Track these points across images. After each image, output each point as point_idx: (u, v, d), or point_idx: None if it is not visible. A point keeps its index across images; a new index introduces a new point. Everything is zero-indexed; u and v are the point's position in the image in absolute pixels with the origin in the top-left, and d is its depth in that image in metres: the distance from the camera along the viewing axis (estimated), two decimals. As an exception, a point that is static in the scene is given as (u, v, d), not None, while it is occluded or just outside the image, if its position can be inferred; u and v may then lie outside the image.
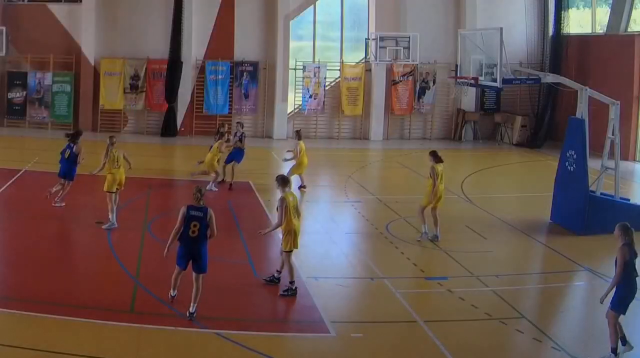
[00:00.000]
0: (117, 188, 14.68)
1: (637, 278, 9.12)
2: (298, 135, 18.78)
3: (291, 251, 11.22)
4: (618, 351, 9.15)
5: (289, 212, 10.97)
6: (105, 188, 14.54)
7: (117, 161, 14.77)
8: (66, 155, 15.89)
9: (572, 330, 10.48)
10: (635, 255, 9.11)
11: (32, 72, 27.05)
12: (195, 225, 10.04)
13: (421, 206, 14.38)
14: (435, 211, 14.28)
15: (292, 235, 11.10)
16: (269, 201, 17.58)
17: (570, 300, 12.00)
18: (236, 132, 19.34)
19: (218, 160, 18.32)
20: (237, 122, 21.05)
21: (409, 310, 10.74)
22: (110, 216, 14.36)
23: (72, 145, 15.88)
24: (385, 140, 28.48)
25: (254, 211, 16.60)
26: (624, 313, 9.14)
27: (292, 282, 11.21)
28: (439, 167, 14.24)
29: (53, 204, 15.74)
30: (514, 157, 26.24)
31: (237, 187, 18.46)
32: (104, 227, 14.24)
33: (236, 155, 18.84)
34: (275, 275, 11.66)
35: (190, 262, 10.16)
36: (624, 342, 9.19)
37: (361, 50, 28.79)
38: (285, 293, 11.17)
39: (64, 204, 15.89)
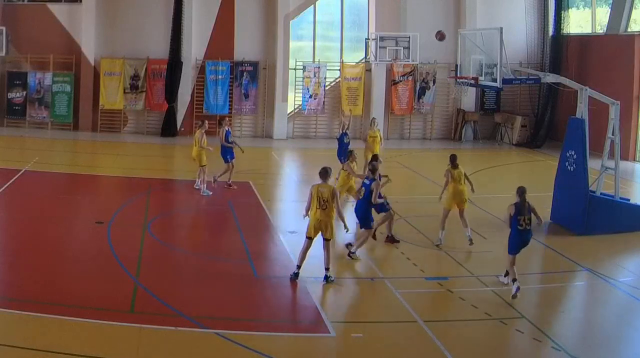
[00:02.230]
0: (198, 164, 17.80)
1: (522, 231, 11.33)
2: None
3: (309, 238, 11.78)
4: (517, 281, 11.18)
5: (313, 202, 11.68)
6: None
7: (195, 141, 17.88)
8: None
9: (572, 330, 10.47)
10: (520, 213, 11.31)
11: (32, 72, 27.05)
12: (362, 190, 12.73)
13: (444, 210, 14.18)
14: (462, 214, 14.05)
15: (310, 223, 11.75)
16: (268, 201, 17.61)
17: (570, 300, 12.01)
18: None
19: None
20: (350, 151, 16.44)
21: (409, 310, 10.73)
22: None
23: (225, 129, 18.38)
24: (385, 140, 28.39)
25: (254, 211, 16.59)
26: (515, 254, 11.38)
27: (298, 266, 11.79)
28: (455, 171, 14.05)
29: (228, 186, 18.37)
30: (514, 157, 26.23)
31: (237, 187, 18.44)
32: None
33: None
34: (326, 273, 11.83)
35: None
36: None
37: (361, 50, 28.79)
38: (291, 275, 11.79)
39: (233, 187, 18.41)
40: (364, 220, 13.00)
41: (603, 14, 27.30)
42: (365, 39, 28.45)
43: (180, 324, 9.80)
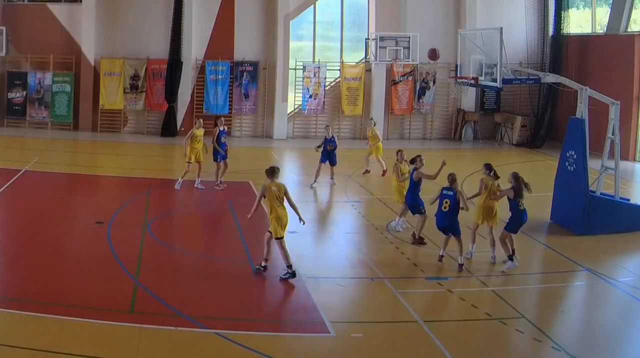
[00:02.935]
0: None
1: (522, 212, 12.59)
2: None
3: (281, 238, 11.76)
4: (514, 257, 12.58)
5: (273, 201, 11.72)
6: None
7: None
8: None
9: (572, 330, 10.47)
10: (519, 196, 12.52)
11: (32, 72, 27.07)
12: (446, 202, 12.64)
13: (473, 224, 13.44)
14: (492, 230, 13.24)
15: (276, 223, 11.74)
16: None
17: (570, 300, 12.00)
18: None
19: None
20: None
21: (409, 310, 10.74)
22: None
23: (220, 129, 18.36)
24: (385, 140, 28.39)
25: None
26: (515, 233, 12.69)
27: (289, 266, 11.72)
28: (489, 181, 13.24)
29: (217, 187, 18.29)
30: (514, 157, 26.21)
31: (237, 187, 18.45)
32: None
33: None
34: (263, 263, 12.01)
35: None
36: (512, 258, 12.64)
37: (361, 50, 28.80)
38: (285, 276, 11.68)
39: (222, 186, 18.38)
40: (455, 230, 12.71)
41: (603, 14, 27.31)
42: (365, 39, 28.46)
43: (180, 324, 9.80)
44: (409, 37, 27.14)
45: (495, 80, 16.74)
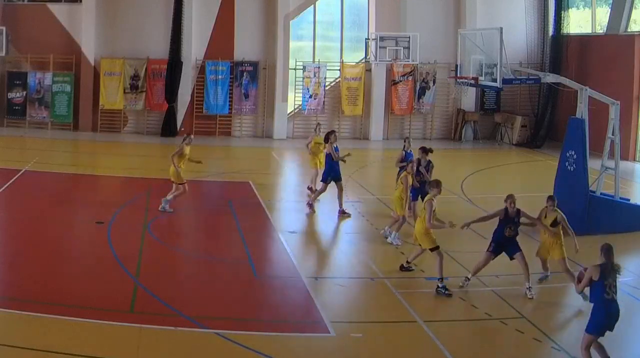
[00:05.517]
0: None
1: (609, 302, 8.64)
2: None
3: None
4: None
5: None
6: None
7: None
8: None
9: (572, 330, 10.47)
10: (606, 279, 8.61)
11: (32, 72, 27.04)
12: (510, 228, 11.91)
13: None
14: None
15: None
16: (268, 201, 17.61)
17: (570, 300, 11.99)
18: (419, 160, 15.07)
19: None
20: (421, 148, 15.73)
21: (409, 310, 10.74)
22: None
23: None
24: (385, 140, 28.48)
25: (254, 211, 16.59)
26: (598, 335, 8.70)
27: (440, 279, 11.55)
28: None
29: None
30: (514, 157, 26.24)
31: (237, 187, 18.45)
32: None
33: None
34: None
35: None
36: None
37: (361, 50, 28.80)
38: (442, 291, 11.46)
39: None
40: None
41: (603, 14, 27.31)
42: (365, 39, 28.46)
43: (180, 324, 9.80)
44: (409, 37, 27.14)
45: (495, 80, 16.74)
